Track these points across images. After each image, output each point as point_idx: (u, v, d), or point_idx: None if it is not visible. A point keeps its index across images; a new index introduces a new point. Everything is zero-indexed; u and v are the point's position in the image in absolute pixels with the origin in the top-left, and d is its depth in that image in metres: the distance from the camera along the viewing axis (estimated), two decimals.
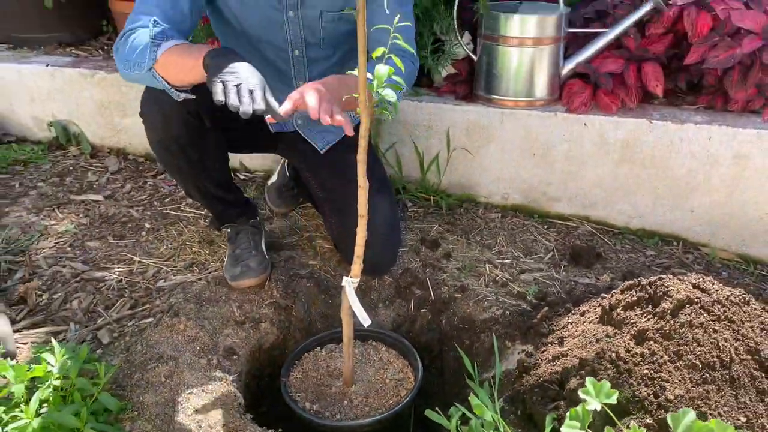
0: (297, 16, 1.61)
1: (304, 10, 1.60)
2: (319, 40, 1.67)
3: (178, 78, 1.41)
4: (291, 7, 1.59)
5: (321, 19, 1.61)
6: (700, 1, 1.94)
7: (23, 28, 2.76)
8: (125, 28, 1.48)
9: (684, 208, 2.03)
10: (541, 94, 2.08)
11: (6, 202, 2.23)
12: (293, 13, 1.60)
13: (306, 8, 1.60)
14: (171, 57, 1.39)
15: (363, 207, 1.32)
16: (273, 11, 1.60)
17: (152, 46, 1.40)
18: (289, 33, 1.64)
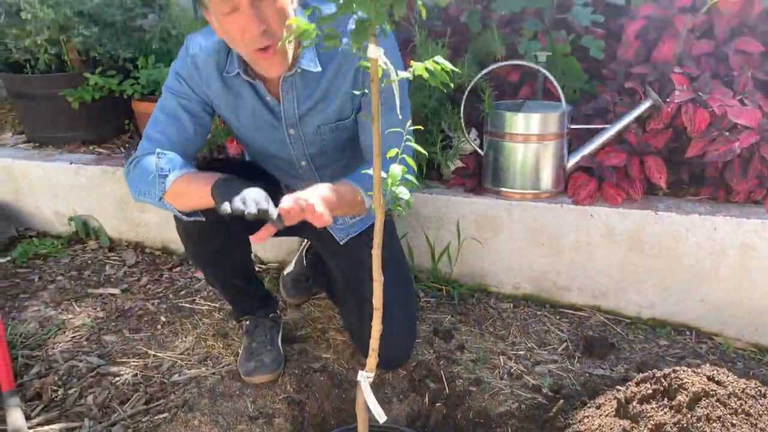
0: (297, 133, 1.68)
1: (303, 127, 1.67)
2: (323, 151, 1.73)
3: (188, 206, 1.52)
4: (290, 126, 1.66)
5: (319, 133, 1.68)
6: (697, 98, 2.04)
7: (51, 128, 2.90)
8: (134, 155, 1.60)
9: (694, 297, 2.05)
10: (547, 187, 2.14)
11: (26, 296, 2.28)
12: (293, 131, 1.67)
13: (304, 125, 1.67)
14: (179, 188, 1.49)
15: (378, 300, 1.35)
16: (274, 131, 1.68)
17: (159, 178, 1.50)
18: (293, 148, 1.71)
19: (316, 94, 1.61)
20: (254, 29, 1.40)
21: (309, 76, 1.59)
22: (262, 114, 1.65)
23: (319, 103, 1.63)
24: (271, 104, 1.64)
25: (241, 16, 1.40)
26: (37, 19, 2.63)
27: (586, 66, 2.37)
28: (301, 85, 1.60)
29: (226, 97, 1.64)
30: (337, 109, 1.64)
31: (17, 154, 2.78)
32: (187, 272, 2.43)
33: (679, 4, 2.19)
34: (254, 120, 1.67)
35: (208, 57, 1.60)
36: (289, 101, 1.62)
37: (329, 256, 1.92)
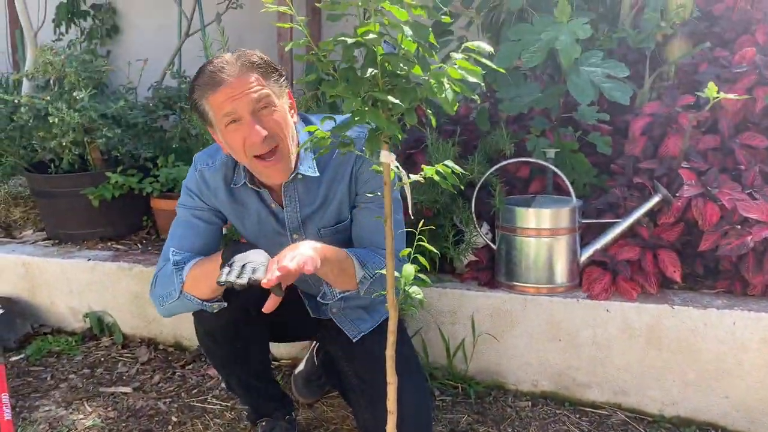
0: (300, 238, 1.71)
1: (305, 232, 1.71)
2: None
3: (208, 288, 1.54)
4: (294, 231, 1.71)
5: (320, 236, 1.71)
6: (706, 192, 2.06)
7: (70, 225, 2.96)
8: (154, 272, 1.66)
9: (718, 394, 1.99)
10: (561, 281, 2.14)
11: (37, 395, 2.26)
12: (297, 236, 1.71)
13: (306, 229, 1.71)
14: (195, 272, 1.55)
15: (392, 403, 1.32)
16: (278, 236, 1.72)
17: (176, 272, 1.57)
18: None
19: (317, 198, 1.67)
20: (255, 137, 1.47)
21: (309, 181, 1.65)
22: (267, 221, 1.71)
23: (320, 207, 1.68)
24: (275, 211, 1.69)
25: (243, 126, 1.48)
26: (64, 122, 2.74)
27: (594, 161, 2.42)
28: (302, 190, 1.66)
29: (233, 206, 1.70)
30: (336, 211, 1.69)
31: (36, 251, 2.83)
32: (200, 369, 2.41)
33: (683, 101, 2.25)
34: (259, 227, 1.72)
35: (216, 171, 1.67)
36: (292, 207, 1.67)
37: (341, 355, 1.90)
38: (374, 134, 1.13)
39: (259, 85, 1.47)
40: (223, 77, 1.46)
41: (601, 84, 2.07)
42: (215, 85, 1.46)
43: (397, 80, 1.09)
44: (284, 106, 1.54)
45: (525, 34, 2.12)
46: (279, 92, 1.52)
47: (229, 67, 1.46)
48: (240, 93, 1.46)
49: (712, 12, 2.58)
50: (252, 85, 1.46)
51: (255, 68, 1.48)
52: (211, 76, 1.47)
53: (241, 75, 1.46)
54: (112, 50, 4.70)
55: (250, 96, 1.46)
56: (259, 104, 1.48)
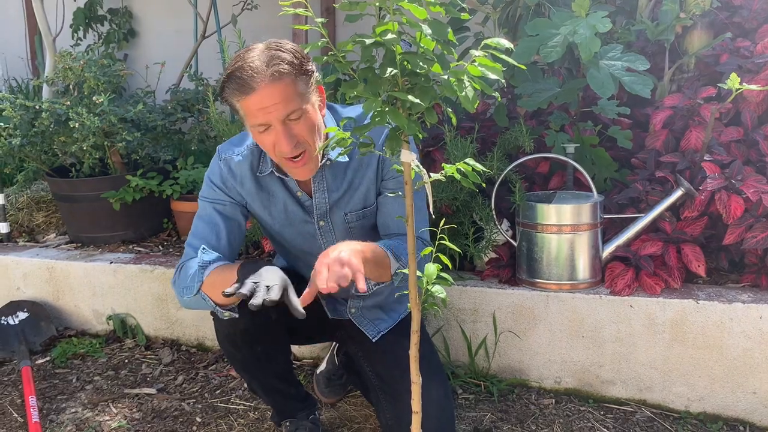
0: (327, 224, 1.73)
1: (332, 217, 1.73)
2: (349, 234, 1.76)
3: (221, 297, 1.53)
4: (321, 218, 1.72)
5: (347, 221, 1.73)
6: (730, 185, 2.03)
7: (92, 228, 2.99)
8: (180, 262, 1.68)
9: (745, 389, 1.96)
10: (584, 277, 2.12)
11: (63, 397, 2.28)
12: (323, 222, 1.73)
13: (333, 215, 1.73)
14: (214, 276, 1.56)
15: (417, 403, 1.32)
16: (305, 225, 1.74)
17: (200, 270, 1.58)
18: (323, 241, 1.76)
19: (344, 183, 1.69)
20: (285, 146, 1.50)
21: (337, 166, 1.67)
22: (294, 210, 1.72)
23: (347, 192, 1.70)
24: (302, 199, 1.71)
25: (273, 132, 1.50)
26: (84, 127, 2.77)
27: (614, 155, 2.39)
28: (330, 176, 1.68)
29: (260, 195, 1.71)
30: (363, 196, 1.71)
31: (59, 255, 2.87)
32: (222, 370, 2.42)
33: (704, 93, 2.22)
34: (286, 215, 1.73)
35: (242, 159, 1.69)
36: (321, 193, 1.69)
37: (361, 355, 1.91)
38: (395, 134, 1.13)
39: (290, 94, 1.47)
40: (253, 85, 1.45)
41: (621, 77, 2.04)
42: (245, 92, 1.46)
43: (416, 79, 1.09)
44: (314, 106, 1.54)
45: (543, 29, 2.10)
46: (309, 93, 1.52)
47: (260, 76, 1.44)
48: (270, 105, 1.46)
49: (732, 2, 2.53)
50: (282, 97, 1.46)
51: (285, 75, 1.46)
52: (241, 83, 1.46)
53: (272, 84, 1.45)
54: (130, 54, 4.75)
55: (280, 109, 1.46)
56: (289, 114, 1.48)
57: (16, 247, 3.03)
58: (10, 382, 2.41)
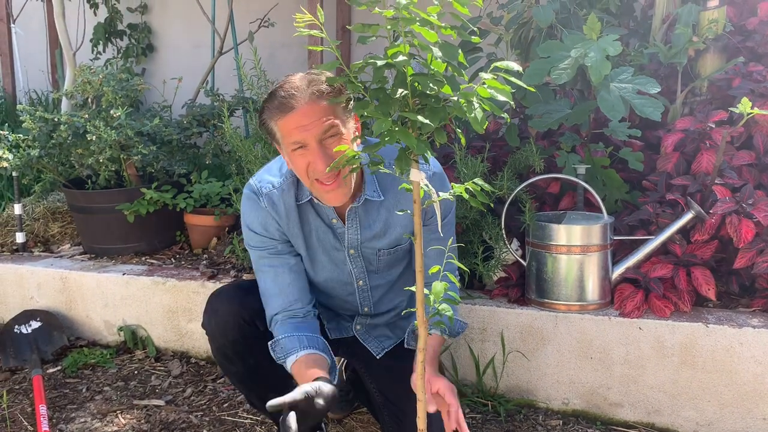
0: (357, 252, 1.75)
1: (363, 249, 1.75)
2: (378, 269, 1.80)
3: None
4: (352, 247, 1.74)
5: (378, 255, 1.76)
6: (741, 209, 2.03)
7: (106, 240, 3.03)
8: (268, 320, 1.74)
9: (755, 415, 1.95)
10: (593, 298, 2.12)
11: (73, 407, 2.30)
12: (354, 251, 1.75)
13: (364, 248, 1.75)
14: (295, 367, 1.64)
15: (422, 421, 1.33)
16: (335, 252, 1.76)
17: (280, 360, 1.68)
18: (353, 267, 1.78)
19: (378, 221, 1.70)
20: (320, 165, 1.51)
21: (370, 204, 1.69)
22: (326, 236, 1.73)
23: (381, 231, 1.71)
24: (335, 226, 1.72)
25: (309, 151, 1.52)
26: (101, 140, 2.82)
27: (625, 177, 2.40)
28: (363, 213, 1.69)
29: (300, 223, 1.71)
30: (398, 235, 1.73)
31: (73, 265, 2.90)
32: (231, 384, 2.43)
33: (716, 117, 2.23)
34: (318, 242, 1.75)
35: (286, 190, 1.69)
36: (354, 229, 1.71)
37: (365, 372, 1.91)
38: (404, 153, 1.15)
39: (328, 115, 1.50)
40: (293, 104, 1.49)
41: (631, 100, 2.05)
42: (285, 110, 1.50)
43: (426, 100, 1.11)
44: (350, 133, 1.56)
45: (554, 51, 2.12)
46: (345, 119, 1.54)
47: (300, 93, 1.49)
48: (309, 123, 1.49)
49: (746, 26, 2.55)
50: (320, 116, 1.49)
51: (324, 96, 1.49)
52: (281, 102, 1.50)
53: (311, 104, 1.49)
54: (148, 68, 4.82)
55: (318, 127, 1.49)
56: (326, 134, 1.51)
57: (32, 256, 3.08)
58: (22, 391, 2.43)
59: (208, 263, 2.81)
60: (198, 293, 2.59)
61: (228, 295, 1.79)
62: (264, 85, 2.72)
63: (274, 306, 1.73)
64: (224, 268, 2.74)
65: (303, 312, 1.74)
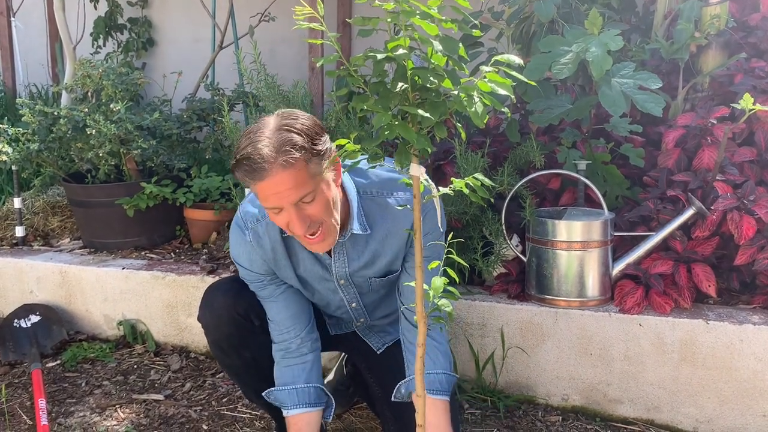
0: (348, 282, 1.74)
1: (354, 278, 1.73)
2: (371, 291, 1.79)
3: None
4: (341, 277, 1.73)
5: (370, 283, 1.75)
6: (742, 206, 2.02)
7: (106, 234, 3.03)
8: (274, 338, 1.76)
9: (755, 412, 1.95)
10: (593, 294, 2.11)
11: (72, 401, 2.30)
12: (344, 281, 1.74)
13: (355, 278, 1.73)
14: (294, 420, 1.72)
15: (421, 416, 1.32)
16: (325, 282, 1.74)
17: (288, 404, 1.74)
18: (344, 294, 1.78)
19: (365, 253, 1.68)
20: (298, 229, 1.47)
21: (358, 238, 1.65)
22: (314, 268, 1.72)
23: (369, 261, 1.69)
24: (322, 258, 1.69)
25: (285, 214, 1.46)
26: (101, 134, 2.81)
27: (626, 173, 2.39)
28: (350, 246, 1.67)
29: (287, 254, 1.69)
30: (388, 263, 1.70)
31: (72, 259, 2.90)
32: (228, 377, 2.43)
33: (718, 113, 2.22)
34: (306, 273, 1.73)
35: (270, 223, 1.64)
36: (341, 261, 1.69)
37: (365, 366, 1.91)
38: (404, 148, 1.14)
39: (301, 179, 1.42)
40: (263, 175, 1.40)
41: (633, 95, 2.04)
42: (256, 178, 1.41)
43: (427, 94, 1.10)
44: (328, 183, 1.50)
45: (555, 46, 2.11)
46: (322, 172, 1.47)
47: (269, 165, 1.39)
48: (283, 191, 1.42)
49: (748, 22, 2.54)
50: (294, 183, 1.42)
51: (297, 162, 1.41)
52: (251, 168, 1.40)
53: (282, 172, 1.40)
54: (148, 63, 4.81)
55: (292, 194, 1.43)
56: (302, 198, 1.44)
57: (31, 250, 3.07)
58: (21, 385, 2.43)
59: (207, 258, 2.81)
60: (197, 288, 2.59)
61: (223, 289, 1.79)
62: (264, 79, 2.72)
63: (271, 331, 1.76)
64: (224, 263, 2.73)
65: (297, 343, 1.74)
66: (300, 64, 3.98)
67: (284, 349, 1.74)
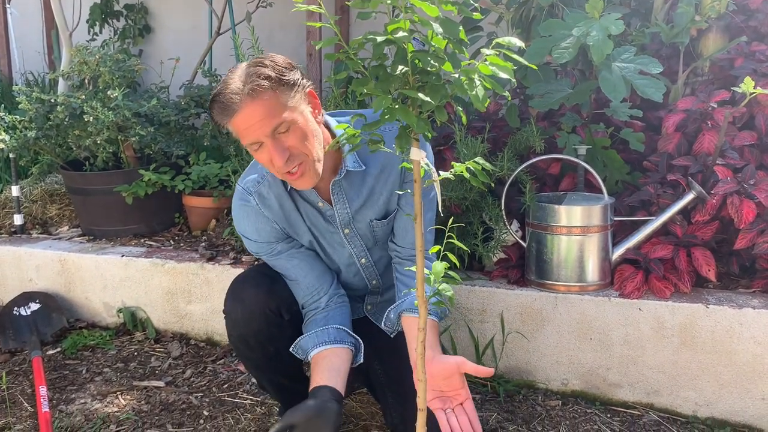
0: (352, 231, 1.74)
1: (356, 225, 1.74)
2: (376, 242, 1.80)
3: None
4: (345, 226, 1.73)
5: (372, 227, 1.74)
6: (742, 190, 2.02)
7: (105, 222, 3.02)
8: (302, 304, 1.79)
9: (754, 395, 1.95)
10: (593, 279, 2.11)
11: (73, 388, 2.31)
12: (348, 230, 1.74)
13: (357, 222, 1.73)
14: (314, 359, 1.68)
15: (422, 401, 1.33)
16: (330, 235, 1.75)
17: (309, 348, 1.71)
18: (351, 247, 1.78)
19: (363, 190, 1.68)
20: (278, 161, 1.48)
21: (354, 175, 1.66)
22: (318, 221, 1.72)
23: (368, 199, 1.70)
24: (323, 209, 1.70)
25: (266, 149, 1.48)
26: (98, 121, 2.79)
27: (626, 157, 2.38)
28: (347, 185, 1.67)
29: (297, 208, 1.70)
30: (386, 202, 1.71)
31: (71, 247, 2.89)
32: (230, 365, 2.44)
33: (718, 97, 2.21)
34: (313, 227, 1.74)
35: (271, 181, 1.66)
36: (341, 204, 1.69)
37: (371, 352, 1.91)
38: (404, 131, 1.13)
39: (272, 108, 1.45)
40: (233, 108, 1.44)
41: (633, 80, 2.03)
42: (228, 114, 1.45)
43: (427, 77, 1.09)
44: (304, 115, 1.51)
45: (556, 30, 2.10)
46: (297, 102, 1.49)
47: (237, 96, 1.43)
48: (255, 122, 1.44)
49: (748, 5, 2.52)
50: (265, 114, 1.44)
51: (265, 91, 1.44)
52: (223, 107, 1.45)
53: (251, 103, 1.43)
54: (145, 49, 4.78)
55: (265, 125, 1.45)
56: (277, 128, 1.46)
57: (30, 239, 3.07)
58: (21, 372, 2.44)
59: (206, 245, 2.81)
60: (197, 275, 2.59)
61: (254, 283, 1.76)
62: None
63: (298, 296, 1.77)
64: (223, 250, 2.73)
65: (324, 302, 1.75)
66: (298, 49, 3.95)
67: (312, 310, 1.75)
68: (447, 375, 1.55)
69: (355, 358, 1.74)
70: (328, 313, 1.74)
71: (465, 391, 1.56)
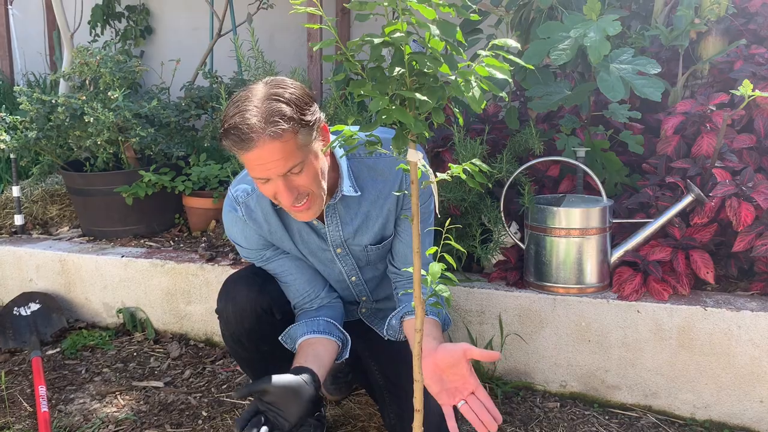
0: (345, 250, 1.74)
1: (350, 247, 1.73)
2: (368, 263, 1.80)
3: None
4: (337, 246, 1.73)
5: (366, 251, 1.74)
6: (741, 192, 2.02)
7: (105, 222, 3.03)
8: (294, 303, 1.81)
9: (752, 398, 1.95)
10: (591, 281, 2.12)
11: (72, 388, 2.31)
12: (341, 249, 1.74)
13: (351, 245, 1.73)
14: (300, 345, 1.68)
15: (419, 401, 1.33)
16: (322, 252, 1.75)
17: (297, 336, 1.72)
18: (342, 265, 1.78)
19: (358, 215, 1.68)
20: (285, 200, 1.47)
21: (349, 201, 1.66)
22: (310, 238, 1.72)
23: (363, 224, 1.69)
24: (317, 228, 1.70)
25: (272, 185, 1.45)
26: (99, 122, 2.80)
27: (625, 160, 2.39)
28: (342, 209, 1.67)
29: (282, 225, 1.70)
30: (381, 228, 1.70)
31: (71, 248, 2.90)
32: (229, 365, 2.44)
33: (717, 100, 2.21)
34: (303, 244, 1.74)
35: (260, 197, 1.65)
36: (334, 226, 1.69)
37: (368, 354, 1.92)
38: (401, 133, 1.14)
39: (290, 150, 1.40)
40: (251, 145, 1.38)
41: (631, 81, 2.04)
42: (244, 148, 1.39)
43: (424, 79, 1.09)
44: (318, 153, 1.48)
45: (554, 32, 2.10)
46: (311, 142, 1.46)
47: (257, 135, 1.37)
48: (269, 162, 1.40)
49: (748, 8, 2.52)
50: (282, 154, 1.40)
51: (285, 132, 1.39)
52: (239, 138, 1.38)
53: (271, 142, 1.38)
54: (146, 51, 4.79)
55: (280, 166, 1.41)
56: (291, 170, 1.43)
57: (30, 239, 3.07)
58: (21, 372, 2.44)
59: (206, 246, 2.81)
60: (197, 276, 2.59)
61: (246, 283, 1.76)
62: (262, 67, 2.70)
63: (290, 297, 1.79)
64: (223, 251, 2.74)
65: (317, 304, 1.77)
66: (298, 51, 3.97)
67: (304, 310, 1.77)
68: (453, 362, 1.50)
69: (341, 353, 1.74)
70: (320, 309, 1.76)
71: (474, 378, 1.50)
